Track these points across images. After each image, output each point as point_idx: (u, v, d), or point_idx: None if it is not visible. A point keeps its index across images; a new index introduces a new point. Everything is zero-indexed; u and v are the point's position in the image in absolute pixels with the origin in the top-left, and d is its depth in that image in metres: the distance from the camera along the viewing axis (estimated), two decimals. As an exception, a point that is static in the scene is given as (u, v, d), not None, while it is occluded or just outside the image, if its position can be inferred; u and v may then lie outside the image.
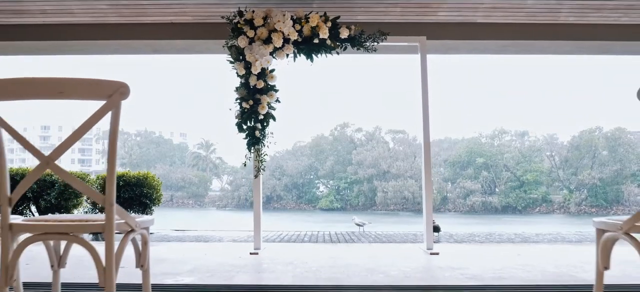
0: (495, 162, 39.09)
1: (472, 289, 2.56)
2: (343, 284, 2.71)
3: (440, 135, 44.70)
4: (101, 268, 1.31)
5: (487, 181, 38.16)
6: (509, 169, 38.58)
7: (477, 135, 42.84)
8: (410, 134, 42.42)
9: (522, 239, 5.90)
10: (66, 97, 1.32)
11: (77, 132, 1.31)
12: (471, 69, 52.03)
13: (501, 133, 42.15)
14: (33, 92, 1.32)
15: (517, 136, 41.85)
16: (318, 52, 4.20)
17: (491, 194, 37.84)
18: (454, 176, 39.66)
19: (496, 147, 41.03)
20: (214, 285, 2.73)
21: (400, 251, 4.45)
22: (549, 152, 39.84)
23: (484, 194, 37.35)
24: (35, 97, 1.33)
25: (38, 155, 1.33)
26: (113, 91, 1.31)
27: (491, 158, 39.17)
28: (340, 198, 41.54)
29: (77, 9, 4.58)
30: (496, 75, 56.34)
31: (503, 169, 38.53)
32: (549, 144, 40.39)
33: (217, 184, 47.16)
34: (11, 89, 1.30)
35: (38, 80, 1.29)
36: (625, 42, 4.72)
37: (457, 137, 44.57)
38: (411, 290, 2.57)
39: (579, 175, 36.20)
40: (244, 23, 4.06)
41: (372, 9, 4.51)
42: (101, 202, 1.34)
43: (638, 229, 1.50)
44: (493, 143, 41.64)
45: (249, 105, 4.10)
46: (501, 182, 37.95)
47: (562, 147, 39.37)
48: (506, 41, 4.71)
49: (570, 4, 4.46)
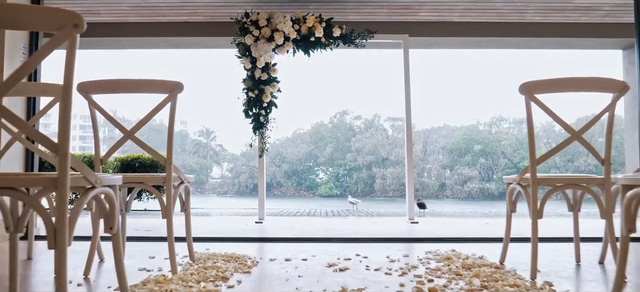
0: (493, 149, 39.59)
1: (435, 240, 3.24)
2: (335, 236, 3.39)
3: (439, 123, 45.08)
4: (50, 227, 1.14)
5: (484, 167, 38.69)
6: (507, 156, 39.18)
7: (475, 122, 43.30)
8: (409, 121, 42.82)
9: (501, 216, 6.58)
10: (141, 92, 1.97)
11: (149, 115, 1.97)
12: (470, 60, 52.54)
13: (499, 120, 42.59)
14: (121, 88, 1.97)
15: (515, 123, 42.34)
16: (314, 48, 4.85)
17: (489, 180, 38.42)
18: (452, 163, 40.24)
19: (494, 134, 41.53)
20: (231, 237, 3.41)
21: (386, 222, 5.14)
22: (546, 140, 40.43)
23: (481, 181, 37.88)
24: (121, 92, 1.97)
25: (122, 129, 1.98)
26: (173, 87, 1.96)
27: (489, 145, 39.68)
28: (340, 185, 42.15)
29: (102, 9, 5.21)
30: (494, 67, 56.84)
31: (500, 156, 39.13)
32: (546, 131, 40.94)
33: (218, 171, 47.77)
34: (106, 86, 1.96)
35: (124, 80, 1.95)
36: (584, 39, 5.36)
37: (455, 125, 45.03)
38: (386, 241, 3.25)
39: (575, 162, 36.85)
40: (250, 23, 4.70)
41: (362, 10, 5.14)
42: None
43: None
44: (491, 130, 42.14)
45: (254, 95, 4.76)
46: (498, 168, 38.51)
47: (558, 134, 39.94)
48: (479, 38, 5.35)
49: (536, 5, 5.09)
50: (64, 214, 1.16)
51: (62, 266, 1.14)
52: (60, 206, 1.17)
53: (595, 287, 1.85)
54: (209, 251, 2.69)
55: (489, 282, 1.89)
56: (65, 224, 1.15)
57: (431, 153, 41.59)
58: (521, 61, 55.71)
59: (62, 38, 1.19)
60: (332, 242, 3.20)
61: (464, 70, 55.03)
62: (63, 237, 1.14)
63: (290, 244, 3.12)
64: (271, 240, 3.37)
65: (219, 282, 1.89)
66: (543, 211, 2.00)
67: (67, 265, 1.15)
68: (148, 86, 1.99)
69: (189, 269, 2.13)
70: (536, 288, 1.80)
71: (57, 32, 1.20)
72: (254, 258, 2.52)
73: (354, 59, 57.73)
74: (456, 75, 53.64)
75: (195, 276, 1.97)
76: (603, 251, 2.35)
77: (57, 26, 1.20)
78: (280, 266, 2.33)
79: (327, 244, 3.07)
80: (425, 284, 1.87)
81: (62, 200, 1.17)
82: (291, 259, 2.50)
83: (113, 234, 1.48)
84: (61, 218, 1.14)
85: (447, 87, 51.76)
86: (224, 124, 50.11)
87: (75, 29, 1.20)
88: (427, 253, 2.68)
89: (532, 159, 2.01)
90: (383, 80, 57.31)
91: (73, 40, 1.21)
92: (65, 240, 1.15)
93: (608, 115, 2.06)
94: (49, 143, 1.20)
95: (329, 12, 4.95)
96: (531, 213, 2.01)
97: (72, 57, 1.21)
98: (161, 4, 5.05)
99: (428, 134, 43.57)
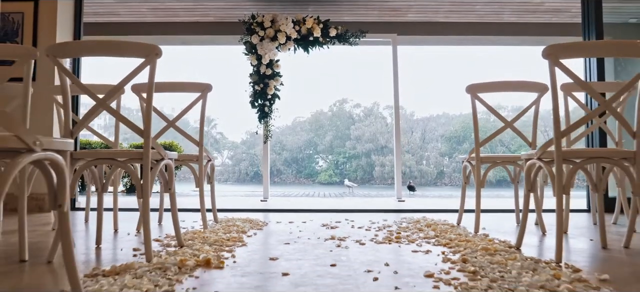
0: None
1: (413, 210, 3.88)
2: (329, 208, 4.03)
3: (438, 111, 45.49)
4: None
5: (482, 155, 39.25)
6: (504, 143, 39.79)
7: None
8: (408, 110, 43.30)
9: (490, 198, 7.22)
10: (177, 91, 2.60)
11: (186, 109, 2.60)
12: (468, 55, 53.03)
13: (498, 108, 42.72)
14: (164, 88, 2.60)
15: (513, 111, 42.91)
16: (313, 46, 5.47)
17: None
18: (451, 151, 40.79)
19: (492, 122, 42.01)
20: (243, 209, 4.06)
21: (377, 201, 5.79)
22: (544, 128, 41.05)
23: (479, 168, 38.47)
24: (163, 92, 2.60)
25: (165, 118, 2.61)
26: (204, 88, 2.59)
27: (487, 133, 40.03)
28: (339, 172, 42.73)
29: (122, 11, 5.81)
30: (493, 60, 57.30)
31: (498, 143, 39.76)
32: (542, 120, 41.18)
33: (218, 158, 48.32)
34: (158, 87, 2.60)
35: (167, 83, 2.58)
36: (555, 37, 5.97)
37: (454, 113, 45.49)
38: (371, 211, 3.90)
39: (571, 150, 37.40)
40: (256, 25, 5.31)
41: (355, 11, 5.74)
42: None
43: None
44: (489, 119, 42.56)
45: (260, 88, 5.39)
46: (496, 156, 39.03)
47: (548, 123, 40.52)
48: (462, 36, 5.96)
49: (511, 7, 5.69)
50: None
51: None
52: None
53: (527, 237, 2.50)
54: (228, 216, 3.35)
55: (441, 233, 2.54)
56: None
57: (430, 141, 42.24)
58: (517, 58, 56.17)
59: (149, 62, 1.85)
60: (327, 212, 3.85)
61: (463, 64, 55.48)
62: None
63: (292, 213, 3.77)
64: (276, 210, 4.02)
65: (241, 234, 2.54)
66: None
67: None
68: (184, 87, 2.62)
69: (216, 226, 2.78)
70: (474, 236, 2.44)
71: (144, 59, 1.84)
72: (264, 221, 3.17)
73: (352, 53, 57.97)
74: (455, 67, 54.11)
75: (221, 230, 2.62)
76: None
77: (145, 54, 1.84)
78: (285, 226, 2.98)
79: (323, 214, 3.72)
80: (394, 235, 2.51)
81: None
82: (293, 222, 3.16)
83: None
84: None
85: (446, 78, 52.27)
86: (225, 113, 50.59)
87: (156, 56, 1.83)
88: (402, 219, 3.33)
89: (476, 141, 2.65)
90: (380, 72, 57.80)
91: (154, 65, 1.85)
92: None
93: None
94: (136, 128, 1.84)
95: (326, 13, 5.56)
96: (477, 185, 2.66)
97: (153, 75, 1.86)
98: (175, 6, 5.66)
99: (427, 122, 44.10)
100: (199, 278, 1.55)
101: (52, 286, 1.46)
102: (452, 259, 1.85)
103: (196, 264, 1.73)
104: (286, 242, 2.32)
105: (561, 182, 1.91)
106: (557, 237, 1.87)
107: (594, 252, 2.09)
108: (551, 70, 1.94)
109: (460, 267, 1.70)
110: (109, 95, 1.88)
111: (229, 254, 1.96)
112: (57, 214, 1.25)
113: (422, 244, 2.25)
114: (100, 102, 1.85)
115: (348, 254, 2.01)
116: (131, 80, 1.89)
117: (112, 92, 1.89)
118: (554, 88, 1.94)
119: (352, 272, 1.65)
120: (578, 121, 1.98)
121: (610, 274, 1.61)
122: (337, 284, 1.49)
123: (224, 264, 1.77)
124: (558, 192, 1.89)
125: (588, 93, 2.09)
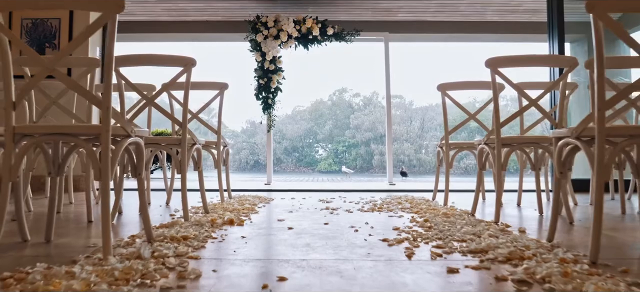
0: (489, 126, 40.52)
1: (399, 190, 4.46)
2: (326, 188, 4.61)
3: (437, 100, 45.86)
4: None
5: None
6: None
7: (472, 100, 44.18)
8: (407, 99, 43.56)
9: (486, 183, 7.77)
10: (198, 89, 3.16)
11: (205, 105, 3.17)
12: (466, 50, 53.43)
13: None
14: (190, 87, 3.16)
15: (511, 101, 43.31)
16: (312, 44, 6.01)
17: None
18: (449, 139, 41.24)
19: (490, 111, 42.43)
20: (250, 189, 4.65)
21: (370, 184, 6.37)
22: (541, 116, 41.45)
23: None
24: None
25: (189, 111, 3.18)
26: (221, 86, 3.16)
27: (485, 122, 40.43)
28: (339, 161, 43.19)
29: (138, 11, 6.34)
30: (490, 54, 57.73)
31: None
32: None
33: (220, 147, 48.48)
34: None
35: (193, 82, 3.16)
36: (534, 34, 6.51)
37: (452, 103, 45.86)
38: (363, 191, 4.47)
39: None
40: (260, 24, 5.85)
41: (351, 11, 6.27)
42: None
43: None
44: (488, 107, 43.08)
45: (263, 82, 5.94)
46: (494, 145, 39.48)
47: (552, 111, 40.90)
48: (448, 34, 6.49)
49: (493, 8, 6.22)
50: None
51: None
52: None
53: (484, 210, 3.07)
54: (240, 195, 3.93)
55: (415, 205, 3.12)
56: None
57: (429, 130, 42.82)
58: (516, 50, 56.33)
59: (186, 70, 2.40)
60: (324, 192, 4.43)
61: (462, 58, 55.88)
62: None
63: (294, 193, 4.35)
64: (279, 191, 4.60)
65: (253, 205, 3.11)
66: (506, 165, 3.16)
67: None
68: (203, 86, 3.18)
69: (231, 201, 3.36)
70: (442, 207, 3.02)
71: (183, 68, 2.40)
72: (270, 198, 3.75)
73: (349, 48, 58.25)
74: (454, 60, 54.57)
75: (236, 203, 3.19)
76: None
77: (183, 64, 2.40)
78: (288, 201, 3.56)
79: (321, 193, 4.30)
80: (377, 206, 3.09)
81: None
82: (295, 198, 3.75)
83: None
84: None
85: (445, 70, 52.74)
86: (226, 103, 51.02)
87: (191, 67, 2.39)
88: (388, 196, 3.91)
89: (446, 130, 3.22)
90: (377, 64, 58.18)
91: (190, 73, 2.41)
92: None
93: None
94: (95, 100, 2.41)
95: (324, 12, 6.10)
96: (446, 167, 3.23)
97: (189, 80, 2.42)
98: (187, 6, 6.19)
99: (425, 111, 44.52)
100: (227, 230, 2.13)
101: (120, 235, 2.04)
102: (417, 221, 2.43)
103: (223, 222, 2.31)
104: (290, 211, 2.90)
105: (448, 161, 2.48)
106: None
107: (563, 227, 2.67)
108: (492, 77, 2.49)
109: (421, 224, 2.28)
110: (156, 95, 2.44)
111: (245, 218, 2.55)
112: (137, 180, 1.82)
113: (397, 212, 2.83)
114: (149, 100, 2.41)
115: (338, 218, 2.59)
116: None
117: (159, 92, 2.45)
118: (495, 91, 2.50)
119: (339, 227, 2.23)
120: (514, 114, 2.54)
121: (557, 241, 2.19)
122: (328, 233, 2.06)
123: (243, 222, 2.35)
124: (447, 171, 2.46)
125: (518, 93, 2.57)
